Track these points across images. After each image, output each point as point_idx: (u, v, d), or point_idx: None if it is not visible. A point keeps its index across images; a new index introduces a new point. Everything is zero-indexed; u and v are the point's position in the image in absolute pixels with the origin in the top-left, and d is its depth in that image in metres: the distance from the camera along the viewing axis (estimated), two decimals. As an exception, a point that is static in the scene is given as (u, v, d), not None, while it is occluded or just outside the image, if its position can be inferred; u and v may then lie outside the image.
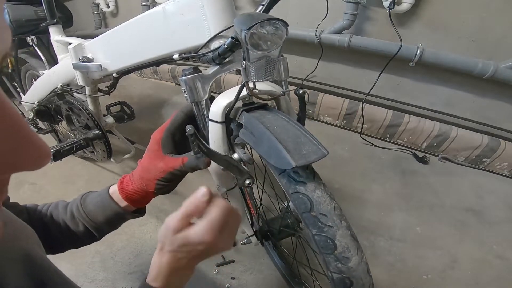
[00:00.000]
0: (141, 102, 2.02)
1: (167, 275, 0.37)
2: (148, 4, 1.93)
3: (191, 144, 0.42)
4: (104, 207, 0.49)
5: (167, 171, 0.47)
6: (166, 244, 0.37)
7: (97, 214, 0.49)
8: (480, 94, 1.25)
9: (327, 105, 1.54)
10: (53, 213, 0.50)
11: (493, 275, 0.85)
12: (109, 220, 0.50)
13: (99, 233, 0.51)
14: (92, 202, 0.50)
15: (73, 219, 0.49)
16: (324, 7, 1.20)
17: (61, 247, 0.51)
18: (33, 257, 0.31)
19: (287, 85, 0.52)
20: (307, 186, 0.40)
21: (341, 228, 0.39)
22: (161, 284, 0.37)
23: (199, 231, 0.35)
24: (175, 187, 0.52)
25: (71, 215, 0.49)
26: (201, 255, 0.37)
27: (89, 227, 0.49)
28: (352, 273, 0.39)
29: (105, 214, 0.49)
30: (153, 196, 0.51)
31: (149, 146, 0.49)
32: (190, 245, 0.36)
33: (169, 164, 0.47)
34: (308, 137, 0.39)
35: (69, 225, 0.49)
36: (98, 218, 0.49)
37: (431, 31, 1.21)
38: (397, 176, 1.23)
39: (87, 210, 0.49)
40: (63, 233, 0.49)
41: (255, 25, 0.37)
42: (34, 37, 1.07)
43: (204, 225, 0.35)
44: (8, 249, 0.29)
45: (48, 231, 0.49)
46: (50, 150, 0.18)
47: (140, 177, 0.49)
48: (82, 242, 0.52)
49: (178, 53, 0.55)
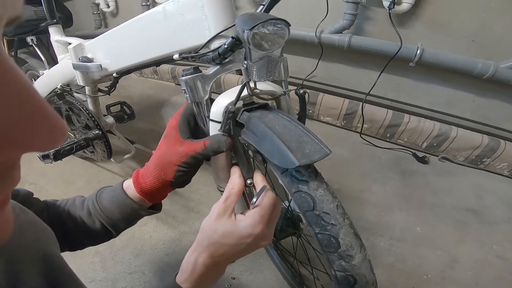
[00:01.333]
0: (141, 102, 2.02)
1: (200, 276, 0.35)
2: (148, 4, 1.92)
3: (225, 121, 0.43)
4: (119, 203, 0.48)
5: (189, 154, 0.44)
6: (207, 236, 0.35)
7: (113, 210, 0.48)
8: (480, 94, 1.26)
9: (327, 105, 1.54)
10: (70, 210, 0.49)
11: (493, 275, 0.85)
12: (125, 216, 0.48)
13: (115, 229, 0.49)
14: (107, 198, 0.49)
15: (89, 216, 0.48)
16: (324, 7, 1.20)
17: (80, 244, 0.50)
18: (51, 257, 0.32)
19: (287, 85, 0.52)
20: (310, 185, 0.40)
21: (344, 226, 0.39)
22: (192, 286, 0.35)
23: (251, 221, 0.34)
24: (193, 175, 0.49)
25: (88, 211, 0.49)
26: (244, 250, 0.35)
27: (106, 223, 0.48)
28: (356, 271, 0.39)
29: (121, 210, 0.48)
30: (170, 189, 0.49)
31: (166, 133, 0.47)
32: (237, 237, 0.34)
33: (191, 147, 0.44)
34: (310, 136, 0.39)
35: (86, 221, 0.48)
36: (114, 215, 0.48)
37: (431, 31, 1.21)
38: (397, 176, 1.23)
39: (102, 206, 0.48)
40: (80, 229, 0.48)
41: (258, 25, 0.37)
42: (34, 37, 1.07)
43: (256, 215, 0.34)
44: (30, 249, 0.29)
45: (66, 228, 0.48)
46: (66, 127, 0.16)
47: (157, 165, 0.46)
48: (99, 239, 0.51)
49: (178, 53, 0.55)
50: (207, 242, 0.35)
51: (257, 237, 0.34)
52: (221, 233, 0.35)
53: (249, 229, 0.34)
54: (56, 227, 0.42)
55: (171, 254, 0.91)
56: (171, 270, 0.86)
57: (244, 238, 0.34)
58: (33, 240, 0.30)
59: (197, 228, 1.08)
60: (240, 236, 0.34)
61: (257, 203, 0.36)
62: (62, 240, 0.42)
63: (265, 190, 0.37)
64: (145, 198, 0.47)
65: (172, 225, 1.01)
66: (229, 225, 0.35)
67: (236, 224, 0.34)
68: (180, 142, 0.45)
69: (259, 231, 0.34)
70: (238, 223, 0.35)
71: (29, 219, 0.32)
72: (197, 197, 1.12)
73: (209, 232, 0.35)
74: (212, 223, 0.36)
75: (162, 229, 1.00)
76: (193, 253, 0.36)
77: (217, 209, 0.36)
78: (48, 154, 0.88)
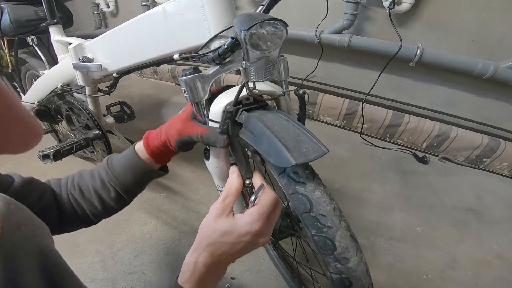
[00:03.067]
0: (141, 102, 2.02)
1: (201, 276, 0.35)
2: (148, 4, 1.93)
3: (223, 121, 0.43)
4: (132, 166, 0.50)
5: (183, 135, 0.48)
6: (206, 236, 0.35)
7: (127, 175, 0.50)
8: (480, 94, 1.25)
9: (327, 105, 1.54)
10: (81, 185, 0.50)
11: (493, 275, 0.85)
12: (138, 179, 0.51)
13: (128, 196, 0.52)
14: (119, 164, 0.51)
15: (103, 186, 0.50)
16: (324, 7, 1.20)
17: (95, 218, 0.52)
18: (47, 253, 0.32)
19: (287, 85, 0.52)
20: (307, 186, 0.40)
21: (340, 228, 0.39)
22: (194, 286, 0.35)
23: (249, 219, 0.34)
24: (192, 148, 0.52)
25: (101, 181, 0.50)
26: (244, 249, 0.35)
27: (120, 190, 0.50)
28: (351, 273, 0.39)
29: (134, 174, 0.50)
30: (174, 153, 0.53)
31: (184, 108, 0.52)
32: (236, 235, 0.34)
33: (188, 129, 0.48)
34: (308, 135, 0.39)
35: (100, 192, 0.50)
36: (128, 179, 0.50)
37: (431, 31, 1.21)
38: (397, 176, 1.23)
39: (116, 173, 0.50)
40: (94, 202, 0.50)
41: (255, 25, 0.37)
42: (34, 37, 1.07)
43: (254, 213, 0.34)
44: (27, 246, 0.30)
45: (79, 205, 0.49)
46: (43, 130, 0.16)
47: (165, 132, 0.50)
48: (113, 209, 0.52)
49: (178, 53, 0.55)
50: (207, 242, 0.35)
51: (255, 234, 0.34)
52: (220, 232, 0.35)
53: (247, 226, 0.34)
54: (65, 208, 0.43)
55: (171, 254, 0.91)
56: (171, 270, 0.86)
57: (243, 236, 0.34)
58: (30, 236, 0.31)
59: (197, 228, 1.08)
60: (239, 234, 0.34)
61: (256, 201, 0.36)
62: (75, 218, 0.44)
63: (263, 188, 0.38)
64: (154, 159, 0.51)
65: (172, 225, 1.01)
66: (228, 224, 0.35)
67: (235, 222, 0.35)
68: (184, 121, 0.49)
69: (257, 228, 0.34)
70: (237, 221, 0.35)
71: (25, 215, 0.32)
72: (197, 197, 1.12)
73: (208, 232, 0.36)
74: (211, 223, 0.36)
75: (162, 229, 1.00)
76: (193, 254, 0.36)
77: (215, 209, 0.36)
78: (48, 154, 0.88)
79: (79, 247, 0.95)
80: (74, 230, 0.51)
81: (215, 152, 0.54)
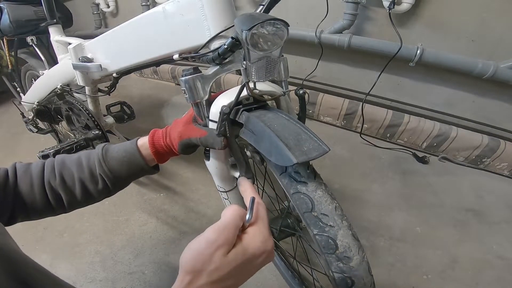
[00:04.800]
0: (141, 102, 2.02)
1: None
2: (148, 4, 1.92)
3: (220, 122, 0.43)
4: (130, 162, 0.49)
5: (183, 137, 0.48)
6: (205, 274, 0.28)
7: (122, 170, 0.49)
8: (480, 94, 1.25)
9: (327, 105, 1.54)
10: (63, 174, 0.47)
11: (493, 275, 0.85)
12: (131, 175, 0.50)
13: (115, 189, 0.51)
14: (117, 158, 0.49)
15: (92, 177, 0.48)
16: (324, 7, 1.20)
17: (70, 207, 0.49)
18: (8, 252, 0.30)
19: (287, 85, 0.52)
20: (308, 186, 0.40)
21: (342, 228, 0.39)
22: None
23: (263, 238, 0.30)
24: (195, 150, 0.53)
25: (90, 172, 0.48)
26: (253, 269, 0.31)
27: (109, 183, 0.48)
28: (353, 272, 0.39)
29: (129, 169, 0.49)
30: (175, 155, 0.53)
31: (188, 110, 0.52)
32: (249, 259, 0.29)
33: (188, 132, 0.48)
34: (308, 134, 0.39)
35: (86, 184, 0.47)
36: (122, 174, 0.49)
37: (431, 31, 1.21)
38: (397, 176, 1.23)
39: (110, 166, 0.48)
40: (74, 192, 0.47)
41: (256, 25, 0.36)
42: (34, 37, 1.07)
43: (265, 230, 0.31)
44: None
45: (55, 194, 0.46)
46: None
47: (170, 134, 0.51)
48: (94, 200, 0.50)
49: (178, 53, 0.55)
50: (205, 279, 0.28)
51: (269, 254, 0.32)
52: (233, 266, 0.29)
53: (262, 245, 0.31)
54: (32, 195, 0.40)
55: (171, 254, 0.91)
56: (171, 270, 0.86)
57: (256, 258, 0.31)
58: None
59: (197, 228, 1.09)
60: (253, 255, 0.30)
61: (253, 219, 0.33)
62: (44, 207, 0.42)
63: (255, 202, 0.35)
64: (155, 157, 0.51)
65: (172, 225, 1.01)
66: (239, 255, 0.29)
67: (245, 244, 0.30)
68: (185, 124, 0.49)
69: (270, 247, 0.31)
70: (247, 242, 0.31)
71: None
72: (197, 197, 1.12)
73: (207, 270, 0.28)
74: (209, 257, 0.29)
75: (162, 229, 1.00)
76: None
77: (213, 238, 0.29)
78: (48, 154, 0.88)
79: (79, 247, 0.95)
80: (37, 219, 0.48)
81: (215, 153, 0.54)
